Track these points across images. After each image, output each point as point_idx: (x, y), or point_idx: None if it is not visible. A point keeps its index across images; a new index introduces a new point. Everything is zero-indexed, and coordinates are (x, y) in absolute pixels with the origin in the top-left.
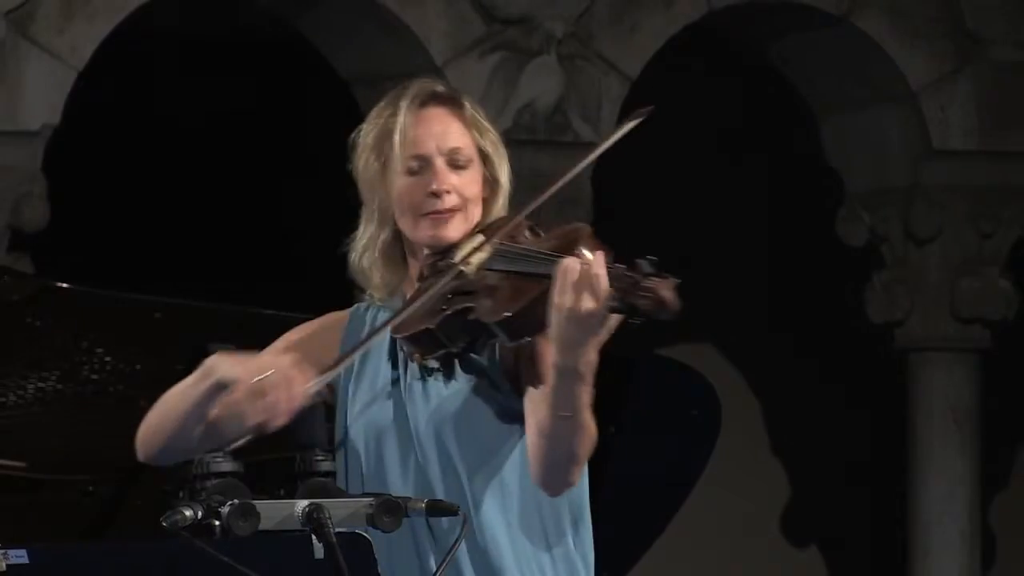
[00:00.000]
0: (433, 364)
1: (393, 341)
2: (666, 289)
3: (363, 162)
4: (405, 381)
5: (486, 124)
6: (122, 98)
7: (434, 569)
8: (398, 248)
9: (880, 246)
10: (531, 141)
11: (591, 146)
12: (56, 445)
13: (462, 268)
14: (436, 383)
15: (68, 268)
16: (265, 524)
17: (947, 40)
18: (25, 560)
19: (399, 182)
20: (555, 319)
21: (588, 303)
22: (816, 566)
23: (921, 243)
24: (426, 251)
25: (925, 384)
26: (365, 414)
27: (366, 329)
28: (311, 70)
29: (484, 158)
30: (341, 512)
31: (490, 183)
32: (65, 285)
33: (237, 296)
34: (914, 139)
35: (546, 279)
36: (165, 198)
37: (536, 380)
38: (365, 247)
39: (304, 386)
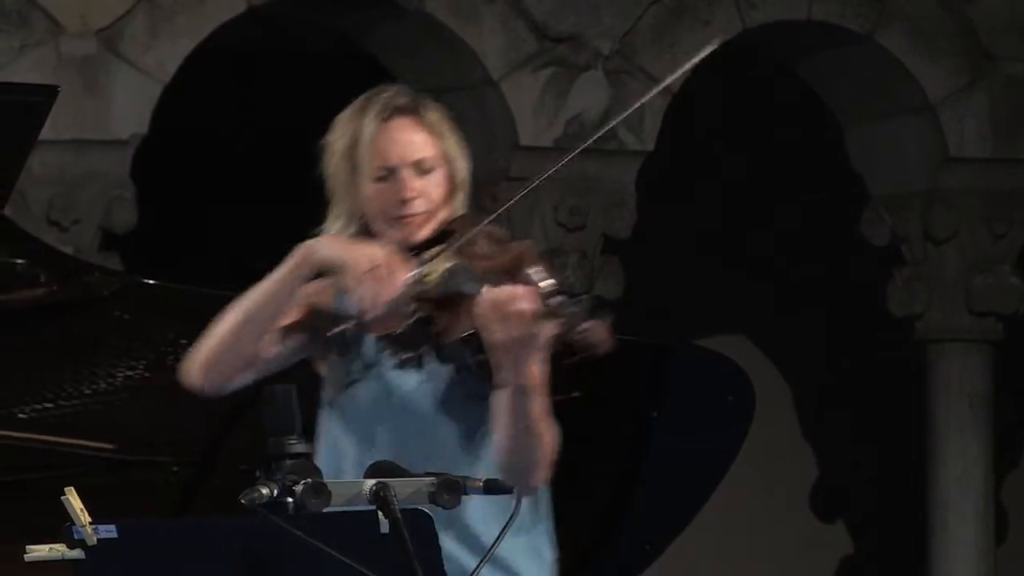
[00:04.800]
0: (406, 357)
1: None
2: (597, 330)
3: (333, 167)
4: (383, 365)
5: (447, 128)
6: (203, 110)
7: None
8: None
9: (901, 245)
10: None
11: (636, 155)
12: (143, 428)
13: (424, 279)
14: (410, 371)
15: (154, 266)
16: (335, 502)
17: (963, 56)
18: (114, 535)
19: (368, 188)
20: (489, 344)
21: (512, 333)
22: (842, 541)
23: (939, 243)
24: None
25: (943, 372)
26: (354, 392)
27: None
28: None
29: (447, 161)
30: (405, 490)
31: (451, 182)
32: (151, 281)
33: None
34: (932, 147)
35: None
36: (240, 203)
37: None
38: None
39: (404, 277)
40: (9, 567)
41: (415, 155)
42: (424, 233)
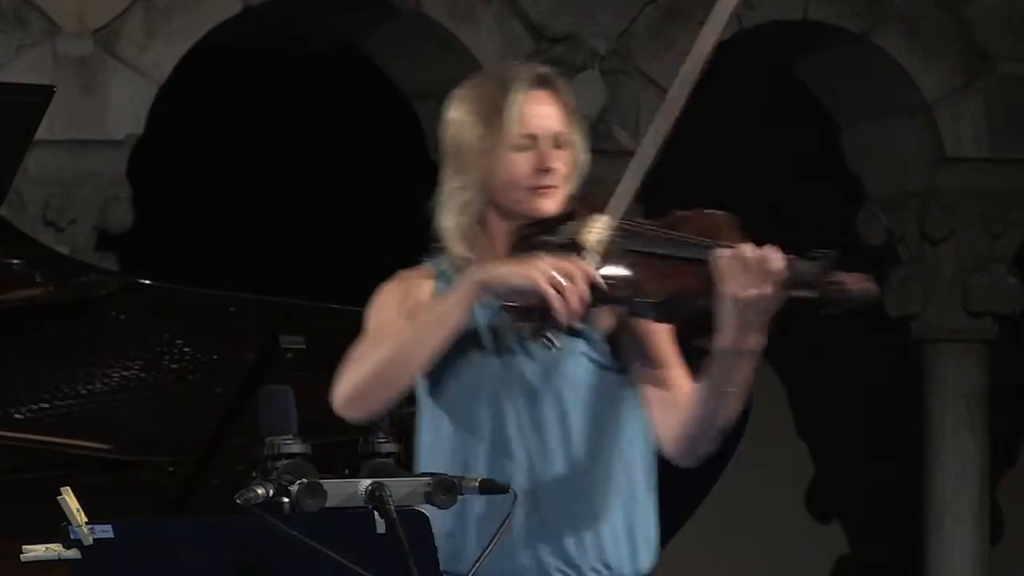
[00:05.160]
0: (536, 333)
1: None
2: (855, 282)
3: (467, 134)
4: (506, 342)
5: (575, 109)
6: (199, 110)
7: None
8: (481, 214)
9: (897, 246)
10: None
11: (630, 154)
12: (139, 429)
13: (593, 245)
14: (540, 349)
15: (150, 266)
16: (331, 501)
17: (959, 57)
18: (110, 535)
19: (507, 157)
20: (725, 305)
21: (749, 292)
22: (838, 540)
23: (935, 243)
24: (520, 221)
25: (939, 372)
26: (472, 371)
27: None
28: (375, 86)
29: (574, 142)
30: (401, 490)
31: (573, 164)
32: (147, 281)
33: (307, 295)
34: (929, 147)
35: (697, 263)
36: (238, 202)
37: (665, 356)
38: (456, 210)
39: (586, 278)
40: (6, 567)
41: (556, 127)
42: (552, 207)
